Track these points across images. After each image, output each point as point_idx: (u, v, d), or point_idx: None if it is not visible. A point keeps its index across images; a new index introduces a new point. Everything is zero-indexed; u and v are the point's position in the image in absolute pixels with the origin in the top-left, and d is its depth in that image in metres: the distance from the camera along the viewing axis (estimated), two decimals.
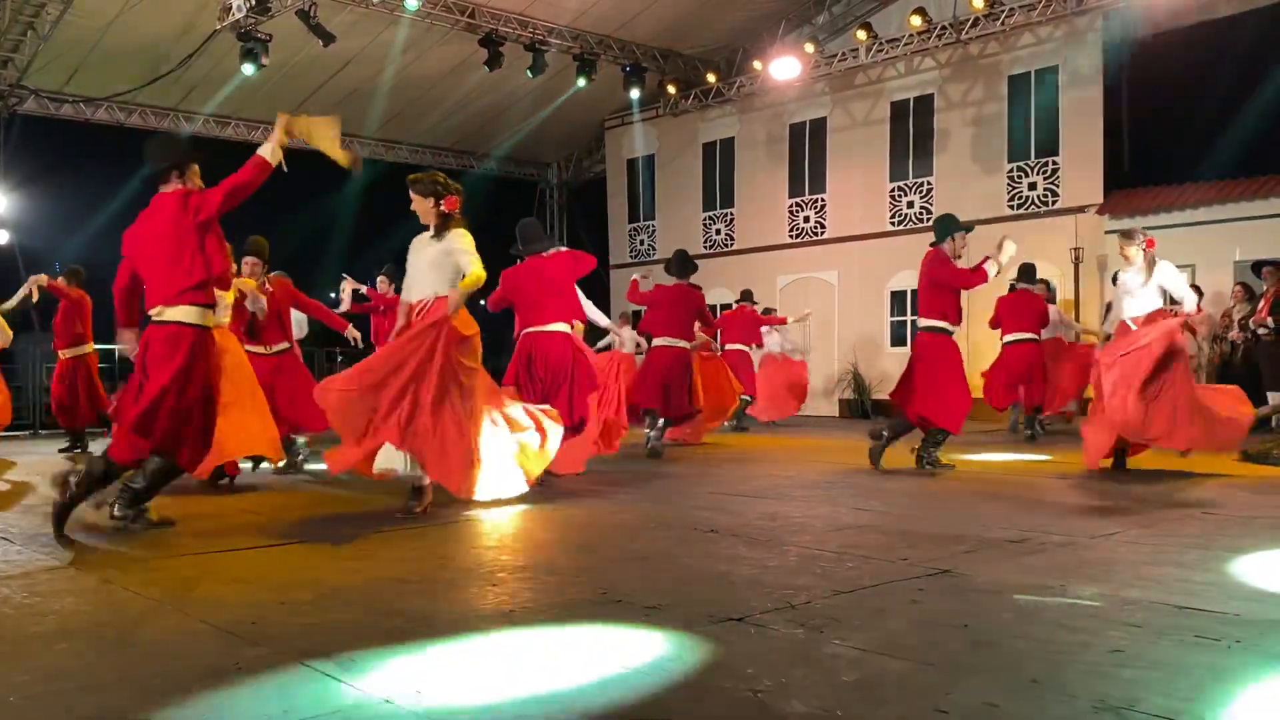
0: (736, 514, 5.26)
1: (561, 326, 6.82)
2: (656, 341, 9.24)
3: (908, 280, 15.90)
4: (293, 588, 3.55)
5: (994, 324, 10.68)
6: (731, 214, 18.26)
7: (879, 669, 2.52)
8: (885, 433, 7.41)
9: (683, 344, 9.13)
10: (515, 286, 6.93)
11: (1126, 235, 7.16)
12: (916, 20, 14.87)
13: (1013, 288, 10.87)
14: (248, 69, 13.75)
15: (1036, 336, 10.39)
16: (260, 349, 7.22)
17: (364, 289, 10.19)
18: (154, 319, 4.74)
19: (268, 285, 7.35)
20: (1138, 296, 6.94)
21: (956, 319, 7.24)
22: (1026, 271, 10.61)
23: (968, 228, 7.30)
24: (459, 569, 3.91)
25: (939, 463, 7.33)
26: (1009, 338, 10.42)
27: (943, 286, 7.17)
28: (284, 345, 7.46)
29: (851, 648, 2.70)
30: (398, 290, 8.63)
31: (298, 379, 7.34)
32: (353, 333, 8.39)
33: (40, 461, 9.20)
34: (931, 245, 7.36)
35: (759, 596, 3.31)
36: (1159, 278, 6.89)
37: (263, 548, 4.41)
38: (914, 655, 2.63)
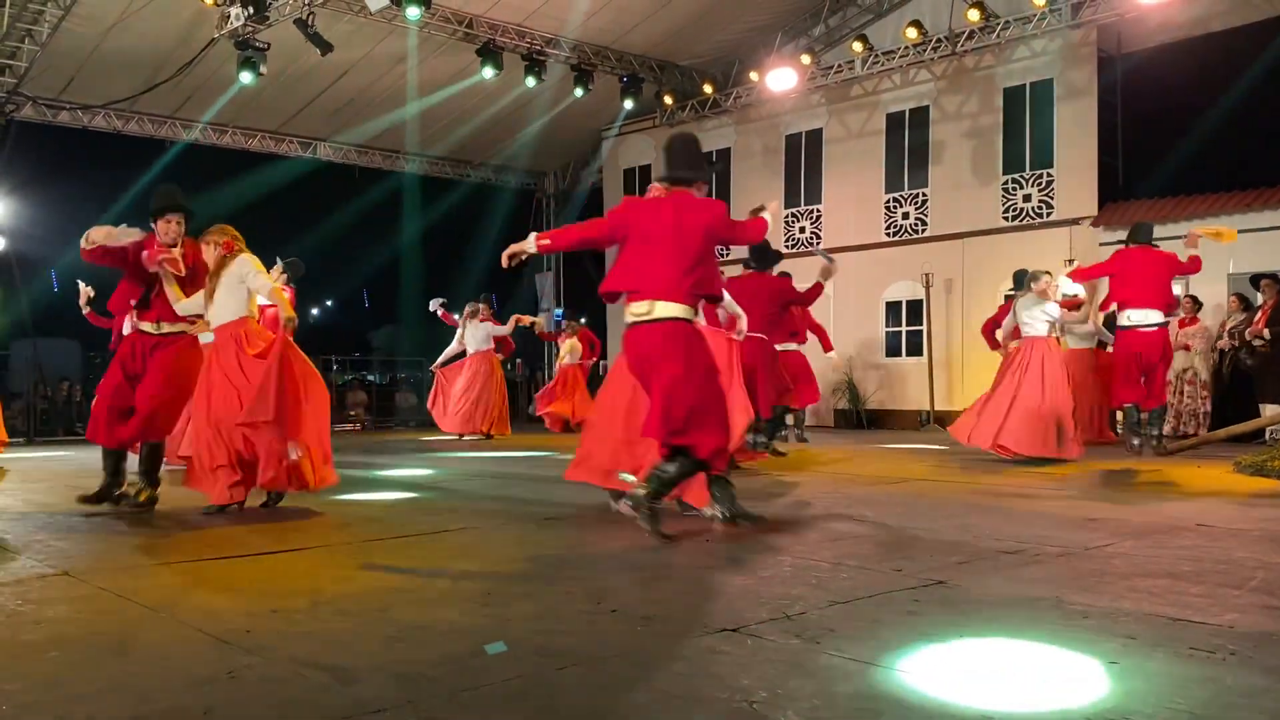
0: (727, 524, 5.25)
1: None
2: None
3: (902, 291, 15.96)
4: (287, 596, 3.54)
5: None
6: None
7: (875, 680, 2.52)
8: None
9: (762, 336, 8.05)
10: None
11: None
12: (912, 33, 14.93)
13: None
14: (246, 78, 13.77)
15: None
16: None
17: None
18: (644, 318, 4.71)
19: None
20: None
21: None
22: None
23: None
24: (453, 577, 3.90)
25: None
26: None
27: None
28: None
29: (847, 658, 2.70)
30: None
31: None
32: None
33: (36, 469, 9.17)
34: (1148, 243, 8.18)
35: (754, 606, 3.31)
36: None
37: (257, 556, 4.40)
38: (909, 666, 2.63)
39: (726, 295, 5.85)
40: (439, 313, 13.67)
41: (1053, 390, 8.67)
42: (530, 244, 4.87)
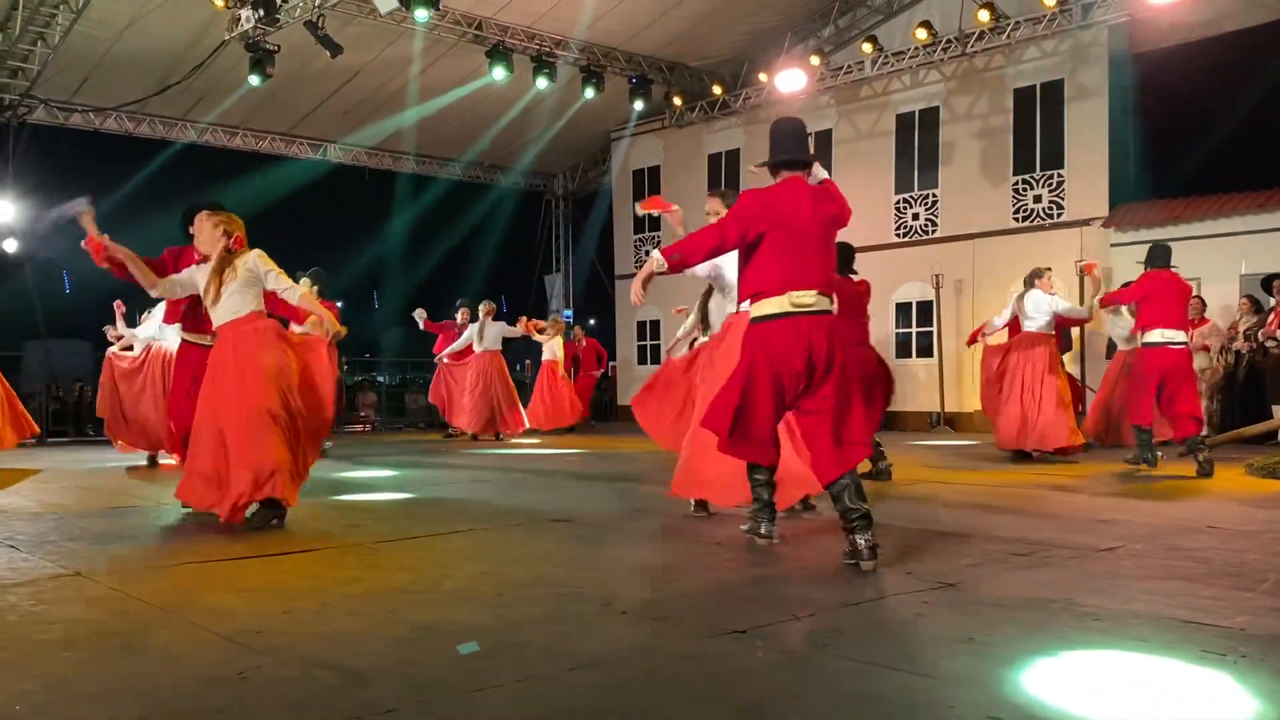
0: (737, 527, 5.24)
1: None
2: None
3: (913, 292, 15.92)
4: (297, 596, 3.55)
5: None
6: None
7: (885, 682, 2.52)
8: None
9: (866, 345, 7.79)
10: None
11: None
12: (922, 33, 14.90)
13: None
14: (254, 80, 13.83)
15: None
16: None
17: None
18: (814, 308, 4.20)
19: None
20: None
21: None
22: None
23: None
24: (463, 579, 3.91)
25: None
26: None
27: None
28: None
29: (857, 660, 2.69)
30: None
31: None
32: None
33: (49, 470, 9.21)
34: (1168, 266, 8.13)
35: (763, 608, 3.31)
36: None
37: (267, 557, 4.41)
38: (920, 668, 2.63)
39: None
40: (421, 323, 13.99)
41: (1046, 383, 8.95)
42: (657, 263, 4.33)
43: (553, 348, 14.81)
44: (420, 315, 13.97)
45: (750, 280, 4.32)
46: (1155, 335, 8.02)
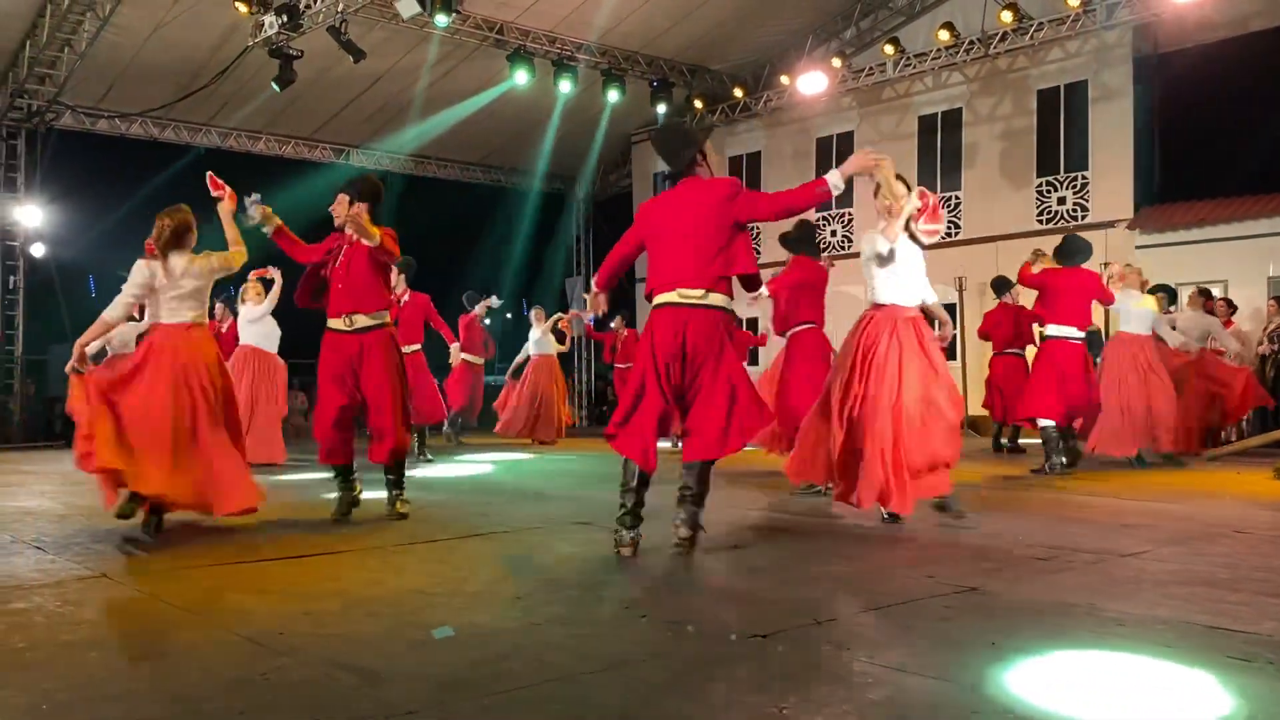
0: (759, 531, 5.24)
1: None
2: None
3: (937, 294, 15.81)
4: (318, 598, 3.57)
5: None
6: (758, 228, 18.22)
7: (906, 687, 2.50)
8: None
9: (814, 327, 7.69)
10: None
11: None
12: (944, 35, 14.82)
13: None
14: (276, 86, 13.93)
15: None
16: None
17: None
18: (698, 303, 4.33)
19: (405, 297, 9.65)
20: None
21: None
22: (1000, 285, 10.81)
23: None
24: (484, 582, 3.92)
25: None
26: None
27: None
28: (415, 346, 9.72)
29: (878, 665, 2.68)
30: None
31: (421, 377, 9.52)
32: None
33: (73, 472, 9.29)
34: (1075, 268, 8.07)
35: (784, 613, 3.30)
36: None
37: (288, 559, 4.44)
38: (941, 673, 2.61)
39: (893, 291, 5.92)
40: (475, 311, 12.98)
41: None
42: (594, 284, 5.00)
43: (540, 343, 13.57)
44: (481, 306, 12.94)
45: (648, 279, 4.54)
46: (1053, 330, 8.03)
